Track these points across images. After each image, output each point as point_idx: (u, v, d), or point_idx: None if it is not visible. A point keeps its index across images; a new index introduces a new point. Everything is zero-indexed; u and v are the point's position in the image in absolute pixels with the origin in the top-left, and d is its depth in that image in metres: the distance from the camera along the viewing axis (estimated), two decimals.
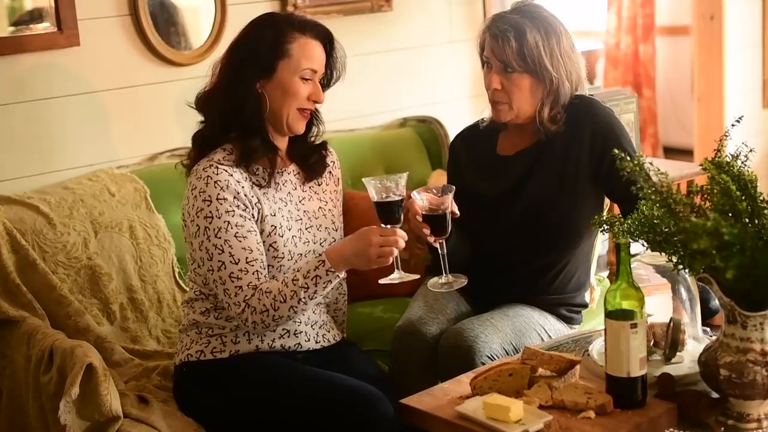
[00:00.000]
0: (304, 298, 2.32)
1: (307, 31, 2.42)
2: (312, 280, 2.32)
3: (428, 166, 3.66)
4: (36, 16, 2.98)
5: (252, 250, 2.34)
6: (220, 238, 2.32)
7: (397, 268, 2.34)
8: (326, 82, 2.52)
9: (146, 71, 3.21)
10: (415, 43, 3.92)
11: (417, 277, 2.37)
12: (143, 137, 3.20)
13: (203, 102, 2.46)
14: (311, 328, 2.50)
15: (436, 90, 3.99)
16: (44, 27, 2.98)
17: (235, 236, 2.32)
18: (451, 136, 3.02)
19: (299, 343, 2.47)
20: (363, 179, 2.37)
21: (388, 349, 2.66)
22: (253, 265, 2.33)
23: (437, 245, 2.39)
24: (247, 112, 2.38)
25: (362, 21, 3.75)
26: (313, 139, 2.57)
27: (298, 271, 2.35)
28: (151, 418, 2.39)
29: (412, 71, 3.91)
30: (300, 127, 2.46)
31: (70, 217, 2.83)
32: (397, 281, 2.36)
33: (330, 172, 2.62)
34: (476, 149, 2.76)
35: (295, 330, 2.47)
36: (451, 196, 2.38)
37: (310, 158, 2.55)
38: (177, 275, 2.98)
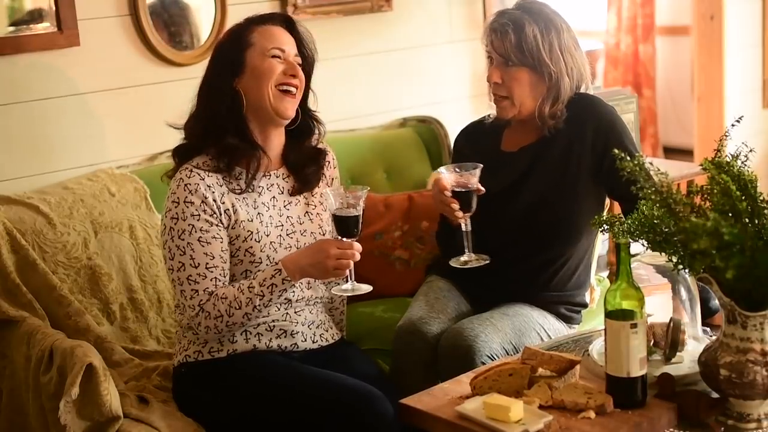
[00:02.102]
0: (259, 305, 2.34)
1: (266, 21, 2.47)
2: (268, 288, 2.33)
3: (428, 166, 3.66)
4: (36, 16, 2.98)
5: (214, 257, 2.35)
6: (183, 240, 2.34)
7: (351, 280, 2.35)
8: (306, 68, 2.50)
9: (146, 71, 3.21)
10: (415, 43, 3.91)
11: (370, 289, 2.37)
12: (143, 137, 3.20)
13: (187, 122, 2.48)
14: (308, 328, 2.50)
15: (436, 90, 3.99)
16: (44, 27, 2.98)
17: (199, 240, 2.34)
18: (451, 136, 3.02)
19: (296, 343, 2.47)
20: (324, 190, 2.40)
21: (388, 349, 2.66)
22: (212, 272, 2.35)
23: (462, 222, 2.44)
24: (222, 113, 2.39)
25: (362, 21, 3.75)
26: (315, 143, 2.57)
27: (254, 278, 2.36)
28: (151, 418, 2.39)
29: (412, 71, 3.91)
30: (288, 108, 2.43)
31: (70, 217, 2.83)
32: (350, 293, 2.37)
33: (323, 173, 2.60)
34: (479, 145, 2.77)
35: (292, 330, 2.47)
36: (478, 173, 2.43)
37: (305, 168, 2.53)
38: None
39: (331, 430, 2.30)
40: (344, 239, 2.31)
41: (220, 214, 2.38)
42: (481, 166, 2.45)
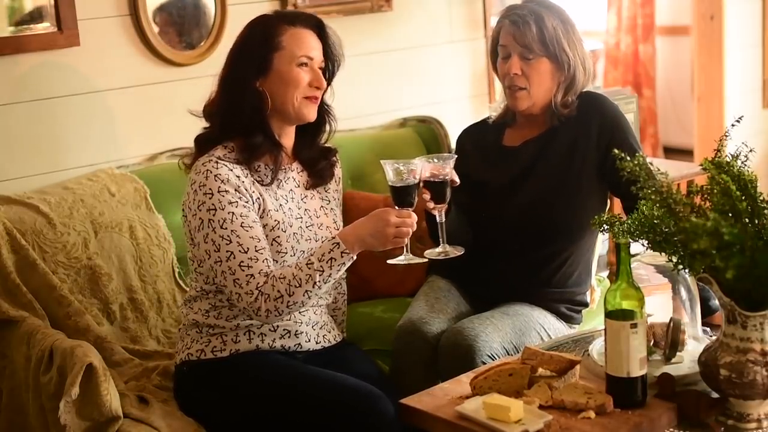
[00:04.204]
0: (319, 281, 2.31)
1: (297, 21, 2.44)
2: (327, 263, 2.31)
3: None
4: (36, 16, 2.98)
5: (260, 239, 2.34)
6: (225, 228, 2.32)
7: (407, 251, 2.36)
8: (329, 72, 2.51)
9: (146, 71, 3.20)
10: (415, 43, 3.91)
11: (425, 260, 2.39)
12: (143, 137, 3.20)
13: (207, 110, 2.47)
14: (312, 329, 2.50)
15: (436, 90, 3.99)
16: (44, 27, 2.98)
17: (242, 226, 2.32)
18: (451, 136, 3.03)
19: (299, 344, 2.47)
20: (381, 161, 2.37)
21: (388, 349, 2.66)
22: (262, 254, 2.33)
23: (435, 213, 2.41)
24: (246, 111, 2.39)
25: (362, 21, 3.74)
26: (325, 137, 2.56)
27: (311, 255, 2.34)
28: (151, 418, 2.39)
29: (412, 71, 3.91)
30: (311, 113, 2.45)
31: (70, 217, 2.83)
32: (404, 263, 2.37)
33: (335, 170, 2.62)
34: (482, 141, 2.81)
35: (296, 330, 2.47)
36: (451, 163, 2.40)
37: (317, 164, 2.55)
38: (177, 275, 2.98)
39: (332, 430, 2.30)
40: (402, 209, 2.32)
41: (253, 202, 2.37)
42: (455, 156, 2.43)
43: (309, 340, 2.49)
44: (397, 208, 2.33)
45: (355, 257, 2.35)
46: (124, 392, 2.47)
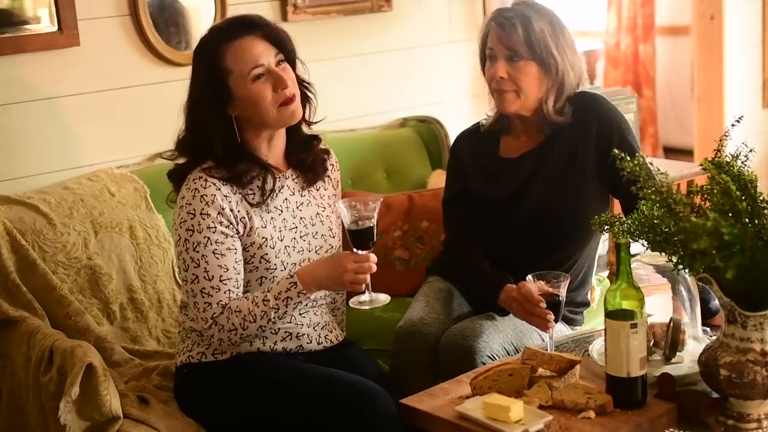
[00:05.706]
0: (274, 318, 2.34)
1: (233, 35, 2.35)
2: (283, 301, 2.33)
3: (428, 166, 3.66)
4: (36, 16, 2.98)
5: (228, 269, 2.33)
6: (198, 252, 2.32)
7: (368, 291, 2.36)
8: (289, 59, 2.42)
9: (146, 71, 3.21)
10: (415, 43, 3.92)
11: (388, 299, 2.38)
12: (143, 137, 3.20)
13: (179, 148, 2.46)
14: (313, 330, 2.50)
15: (436, 90, 3.99)
16: (44, 27, 2.98)
17: (213, 253, 2.32)
18: (451, 136, 3.02)
19: (301, 345, 2.47)
20: (338, 203, 2.38)
21: (388, 349, 2.66)
22: (226, 284, 2.33)
23: (551, 332, 2.34)
24: (217, 143, 2.35)
25: (362, 21, 3.75)
26: (308, 113, 2.48)
27: (268, 290, 2.35)
28: (151, 418, 2.39)
29: (412, 71, 3.91)
30: (294, 114, 2.38)
31: (70, 217, 2.83)
32: (368, 305, 2.38)
33: (328, 175, 2.60)
34: (479, 151, 2.76)
35: (297, 333, 2.46)
36: (566, 283, 2.31)
37: (307, 159, 2.51)
38: (177, 275, 2.97)
39: (332, 428, 2.29)
40: (360, 251, 2.31)
41: (237, 224, 2.36)
42: (569, 276, 2.34)
43: (311, 342, 2.49)
44: (355, 250, 2.32)
45: (311, 297, 2.38)
46: (124, 392, 2.47)
